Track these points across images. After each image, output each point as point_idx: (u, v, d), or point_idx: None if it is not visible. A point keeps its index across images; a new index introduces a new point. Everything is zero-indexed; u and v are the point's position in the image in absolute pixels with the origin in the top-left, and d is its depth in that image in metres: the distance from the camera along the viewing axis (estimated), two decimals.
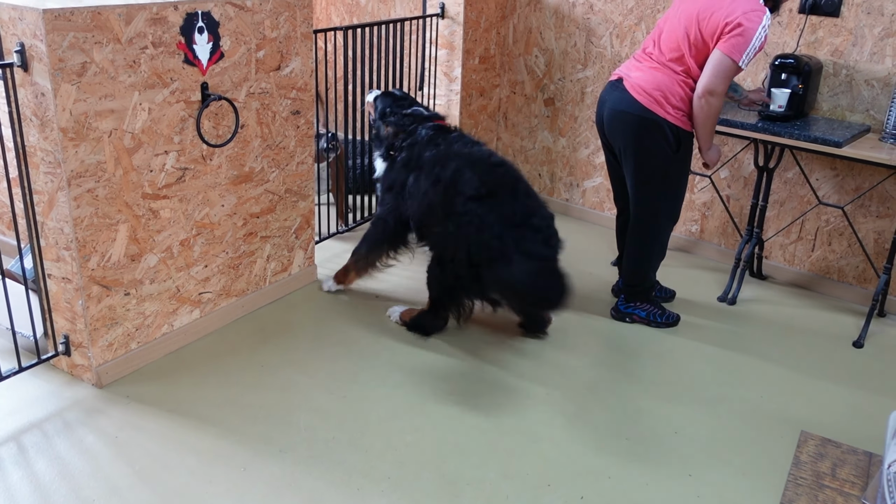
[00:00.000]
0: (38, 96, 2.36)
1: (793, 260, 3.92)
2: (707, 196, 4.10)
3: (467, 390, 2.83)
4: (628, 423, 2.70)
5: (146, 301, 2.81)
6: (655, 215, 3.25)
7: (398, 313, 3.28)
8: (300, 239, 3.47)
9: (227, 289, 3.15)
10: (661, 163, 3.12)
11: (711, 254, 4.15)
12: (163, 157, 2.71)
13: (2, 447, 2.40)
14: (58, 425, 2.52)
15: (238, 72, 2.91)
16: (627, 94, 3.07)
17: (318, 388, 2.80)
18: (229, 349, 3.01)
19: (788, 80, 3.49)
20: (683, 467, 2.50)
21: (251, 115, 3.02)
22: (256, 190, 3.14)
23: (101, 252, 2.60)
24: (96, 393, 2.69)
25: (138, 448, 2.43)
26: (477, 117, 4.59)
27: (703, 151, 3.17)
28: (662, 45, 3.07)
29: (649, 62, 3.09)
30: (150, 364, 2.87)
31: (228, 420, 2.59)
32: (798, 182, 3.78)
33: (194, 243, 2.93)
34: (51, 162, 2.44)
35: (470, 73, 4.41)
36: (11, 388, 2.67)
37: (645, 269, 3.35)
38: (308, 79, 3.25)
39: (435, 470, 2.41)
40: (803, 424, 2.74)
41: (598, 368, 3.04)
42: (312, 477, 2.34)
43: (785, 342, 3.33)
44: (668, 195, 3.24)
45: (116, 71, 2.48)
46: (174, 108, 2.70)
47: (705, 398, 2.88)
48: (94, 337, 2.66)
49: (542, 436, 2.61)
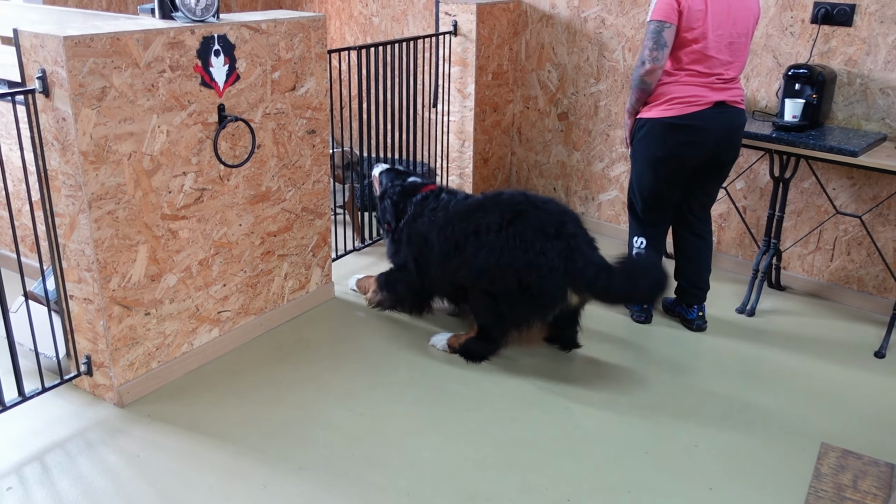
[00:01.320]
0: (59, 121, 2.41)
1: (811, 270, 3.89)
2: (723, 207, 4.08)
3: (484, 405, 2.84)
4: (647, 437, 2.69)
5: (166, 320, 2.84)
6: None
7: (445, 341, 3.23)
8: (317, 257, 3.50)
9: (245, 307, 3.18)
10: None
11: (729, 265, 4.13)
12: (181, 179, 2.76)
13: (26, 467, 2.43)
14: (80, 445, 2.54)
15: (254, 93, 2.95)
16: (740, 108, 3.21)
17: (336, 404, 2.81)
18: (248, 367, 3.03)
19: (802, 90, 3.48)
20: (703, 480, 2.48)
21: (267, 135, 3.06)
22: (273, 209, 3.18)
23: (121, 273, 2.64)
24: (118, 412, 2.72)
25: (159, 467, 2.45)
26: (491, 133, 4.62)
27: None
28: (738, 55, 3.14)
29: (734, 73, 3.17)
30: (171, 383, 2.90)
31: (248, 438, 2.60)
32: (815, 192, 3.76)
33: (213, 262, 2.97)
34: (72, 185, 2.48)
35: (483, 89, 4.44)
36: (35, 408, 2.71)
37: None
38: (323, 98, 3.29)
39: (454, 485, 2.41)
40: (823, 436, 2.71)
41: (617, 382, 3.03)
42: (332, 494, 2.35)
43: (804, 353, 3.30)
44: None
45: (135, 95, 2.53)
46: (192, 130, 2.75)
47: (724, 411, 2.86)
48: (115, 357, 2.69)
49: (561, 450, 2.60)
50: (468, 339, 3.15)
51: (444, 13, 4.33)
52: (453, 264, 3.09)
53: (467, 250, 3.03)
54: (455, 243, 3.09)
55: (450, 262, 3.11)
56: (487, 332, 3.11)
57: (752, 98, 3.87)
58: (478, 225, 3.02)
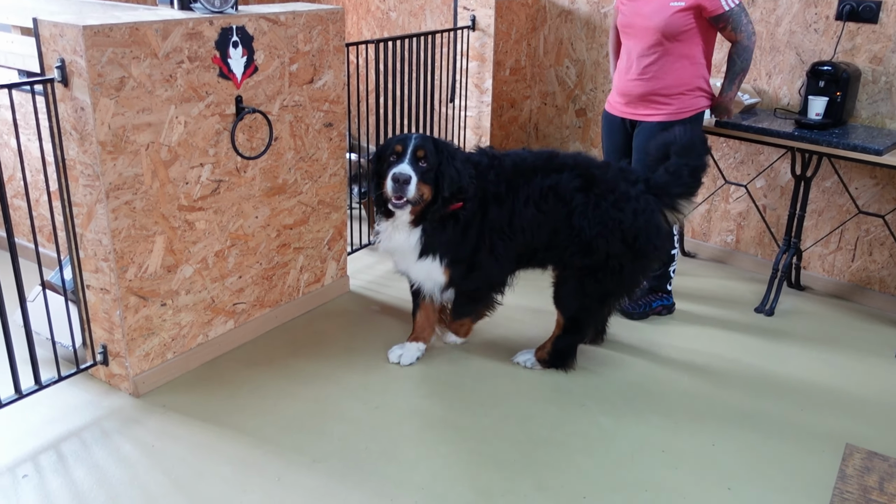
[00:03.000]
0: (77, 111, 2.41)
1: (832, 270, 3.84)
2: (743, 206, 4.04)
3: (500, 402, 2.81)
4: (665, 436, 2.66)
5: (182, 312, 2.84)
6: None
7: (532, 357, 3.02)
8: (333, 250, 3.49)
9: (260, 299, 3.17)
10: None
11: (748, 265, 4.09)
12: (198, 170, 2.75)
13: (42, 455, 2.44)
14: (96, 434, 2.55)
15: (272, 85, 2.94)
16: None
17: (350, 398, 2.80)
18: (263, 359, 3.03)
19: (826, 87, 3.43)
20: (722, 481, 2.45)
21: (284, 127, 3.05)
22: (290, 202, 3.17)
23: (138, 263, 2.64)
24: (133, 402, 2.72)
25: (174, 457, 2.45)
26: (508, 128, 4.59)
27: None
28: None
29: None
30: (186, 374, 2.90)
31: (262, 430, 2.60)
32: (837, 191, 3.71)
33: (229, 254, 2.96)
34: (90, 175, 2.48)
35: (501, 85, 4.41)
36: (51, 396, 2.72)
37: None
38: (340, 91, 3.28)
39: (469, 482, 2.39)
40: (846, 438, 2.67)
41: (634, 380, 3.00)
42: (346, 488, 2.34)
43: (825, 354, 3.26)
44: None
45: (153, 85, 2.52)
46: (209, 122, 2.74)
47: (743, 411, 2.83)
48: (131, 347, 2.69)
49: (577, 447, 2.58)
50: (554, 341, 2.98)
51: (462, 8, 4.31)
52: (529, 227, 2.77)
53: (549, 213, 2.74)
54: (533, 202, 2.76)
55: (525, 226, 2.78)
56: (578, 321, 2.92)
57: (775, 95, 3.82)
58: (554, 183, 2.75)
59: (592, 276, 2.82)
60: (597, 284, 2.84)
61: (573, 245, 2.79)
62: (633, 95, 3.22)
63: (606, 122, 3.43)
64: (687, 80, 3.14)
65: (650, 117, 3.21)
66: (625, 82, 3.24)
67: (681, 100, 3.17)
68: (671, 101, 3.17)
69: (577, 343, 3.02)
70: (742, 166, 3.98)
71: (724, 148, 4.01)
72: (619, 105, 3.31)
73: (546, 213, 2.76)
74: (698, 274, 4.02)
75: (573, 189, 2.76)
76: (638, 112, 3.24)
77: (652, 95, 3.18)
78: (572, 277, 2.87)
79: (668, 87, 3.15)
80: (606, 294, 2.90)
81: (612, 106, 3.38)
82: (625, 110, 3.29)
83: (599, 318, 3.07)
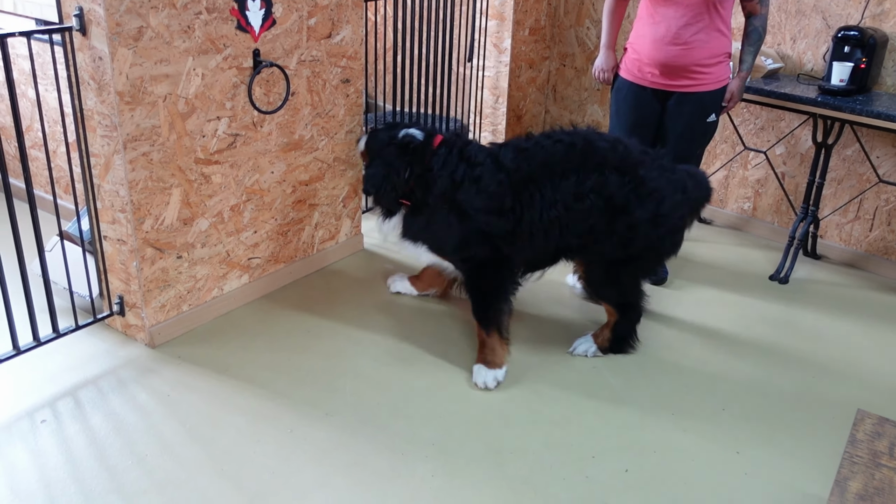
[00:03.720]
0: (95, 60, 2.40)
1: (849, 240, 3.81)
2: (761, 173, 4.00)
3: (512, 362, 2.83)
4: (675, 398, 2.67)
5: (197, 265, 2.86)
6: None
7: (593, 346, 2.90)
8: (347, 208, 3.49)
9: (275, 255, 3.19)
10: None
11: (764, 232, 4.06)
12: (215, 123, 2.75)
13: (60, 401, 2.48)
14: (112, 382, 2.59)
15: (290, 39, 2.92)
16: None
17: (363, 355, 2.82)
18: (277, 314, 3.05)
19: (851, 53, 3.37)
20: (731, 444, 2.46)
21: (302, 82, 3.03)
22: (306, 158, 3.16)
23: (154, 215, 2.65)
24: (149, 352, 2.75)
25: (189, 406, 2.48)
26: (525, 90, 4.55)
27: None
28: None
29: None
30: (201, 326, 2.93)
31: (275, 383, 2.63)
32: (857, 159, 3.67)
33: (244, 209, 2.97)
34: (107, 125, 2.48)
35: (519, 45, 4.36)
36: (69, 345, 2.75)
37: None
38: (358, 47, 3.25)
39: (478, 438, 2.42)
40: (857, 405, 2.67)
41: (644, 343, 3.00)
42: (358, 441, 2.37)
43: (839, 322, 3.25)
44: None
45: (171, 36, 2.51)
46: (226, 75, 2.73)
47: (754, 377, 2.83)
48: (147, 298, 2.72)
49: (587, 408, 2.60)
50: (614, 327, 2.89)
51: None
52: (552, 225, 2.66)
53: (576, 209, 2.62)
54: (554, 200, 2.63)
55: (545, 225, 2.66)
56: (630, 304, 2.87)
57: (799, 60, 3.75)
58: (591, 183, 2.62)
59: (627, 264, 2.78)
60: (634, 269, 2.82)
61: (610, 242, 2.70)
62: (673, 66, 3.09)
63: (632, 95, 3.24)
64: (721, 49, 3.11)
65: (691, 88, 3.12)
66: (662, 52, 3.08)
67: (718, 69, 3.13)
68: (710, 71, 3.11)
69: (637, 322, 2.92)
70: (762, 132, 3.93)
71: (744, 114, 3.96)
72: (652, 76, 3.15)
73: (581, 214, 2.64)
74: (714, 240, 3.99)
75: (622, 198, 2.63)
76: (676, 83, 3.13)
77: (693, 65, 3.09)
78: (603, 268, 2.80)
79: (708, 56, 3.08)
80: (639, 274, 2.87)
81: (639, 77, 3.20)
82: (659, 81, 3.15)
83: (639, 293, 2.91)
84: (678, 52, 3.06)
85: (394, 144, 2.73)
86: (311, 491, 2.17)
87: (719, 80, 3.14)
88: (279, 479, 2.20)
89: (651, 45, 3.12)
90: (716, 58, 3.10)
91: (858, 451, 1.70)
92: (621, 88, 3.29)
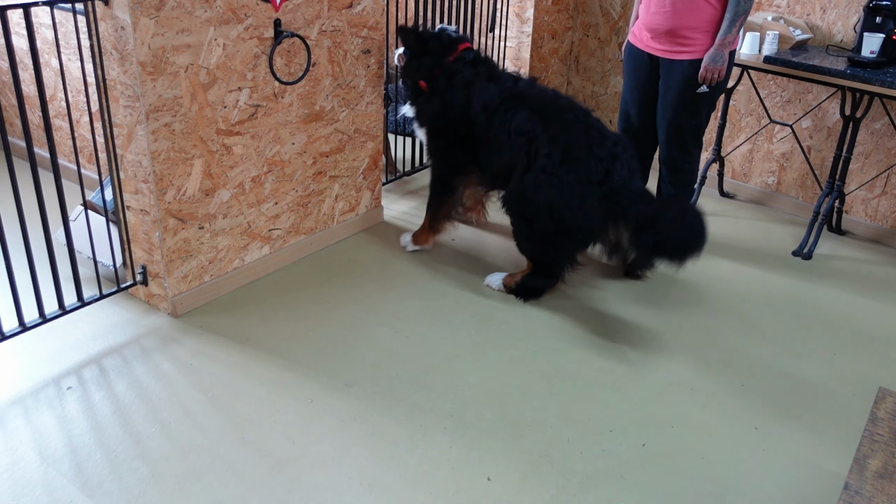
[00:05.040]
0: (117, 30, 2.40)
1: (875, 215, 3.76)
2: (787, 146, 3.94)
3: (530, 335, 2.84)
4: (693, 373, 2.67)
5: (219, 235, 2.88)
6: None
7: (500, 280, 3.12)
8: (368, 180, 3.49)
9: (295, 226, 3.20)
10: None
11: (788, 207, 4.01)
12: (236, 94, 2.74)
13: (85, 369, 2.53)
14: (136, 351, 2.63)
15: (311, 9, 2.90)
16: None
17: (382, 326, 2.84)
18: (297, 285, 3.07)
19: (883, 24, 3.29)
20: (749, 420, 2.46)
21: (322, 53, 3.02)
22: (326, 129, 3.16)
23: (177, 186, 2.67)
24: (171, 322, 2.79)
25: (211, 375, 2.52)
26: (548, 60, 4.49)
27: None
28: None
29: None
30: (222, 297, 2.96)
31: (296, 353, 2.66)
32: (886, 133, 3.60)
33: (265, 180, 2.98)
34: (130, 96, 2.49)
35: (542, 15, 4.30)
36: (93, 314, 2.80)
37: None
38: (379, 17, 3.22)
39: (497, 411, 2.44)
40: (879, 383, 2.65)
41: (663, 318, 2.99)
42: (377, 412, 2.40)
43: (862, 299, 3.22)
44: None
45: (193, 5, 2.50)
46: (248, 45, 2.72)
47: (774, 352, 2.82)
48: (169, 268, 2.74)
49: (605, 382, 2.60)
50: (524, 277, 3.08)
51: None
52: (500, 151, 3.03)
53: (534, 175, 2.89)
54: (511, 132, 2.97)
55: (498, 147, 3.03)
56: (541, 264, 3.04)
57: (828, 31, 3.67)
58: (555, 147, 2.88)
59: (531, 224, 2.95)
60: (535, 233, 2.95)
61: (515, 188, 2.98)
62: (659, 30, 3.14)
63: (630, 56, 3.35)
64: (708, 19, 3.06)
65: (675, 55, 3.14)
66: (650, 15, 3.15)
67: (704, 39, 3.09)
68: (695, 40, 3.09)
69: (547, 285, 3.08)
70: (789, 105, 3.86)
71: (770, 86, 3.89)
72: (647, 39, 3.23)
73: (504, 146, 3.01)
74: (736, 215, 3.96)
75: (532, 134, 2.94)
76: (665, 48, 3.16)
77: (678, 30, 3.09)
78: (519, 222, 3.01)
79: (693, 21, 3.05)
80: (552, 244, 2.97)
81: (637, 39, 3.29)
82: (651, 45, 3.21)
83: (564, 269, 3.06)
84: (662, 15, 3.12)
85: (431, 35, 3.21)
86: (330, 460, 2.20)
87: (704, 51, 3.10)
88: (299, 447, 2.24)
89: (644, 8, 3.22)
90: (702, 26, 3.07)
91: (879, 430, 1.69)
92: (626, 51, 3.41)
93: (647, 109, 3.36)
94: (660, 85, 3.27)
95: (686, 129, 3.28)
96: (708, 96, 3.19)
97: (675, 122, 3.27)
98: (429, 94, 3.17)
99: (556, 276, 3.06)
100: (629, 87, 3.40)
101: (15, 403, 2.36)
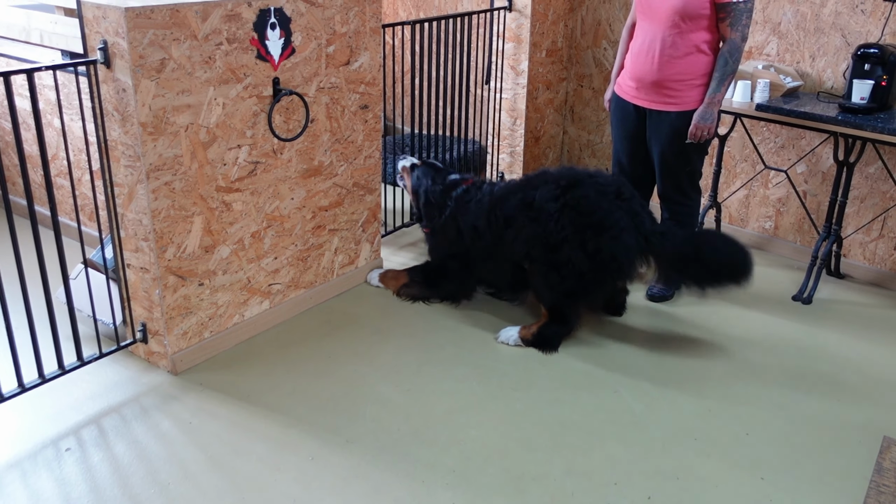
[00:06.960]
0: (119, 92, 2.45)
1: (873, 258, 3.77)
2: (782, 191, 3.97)
3: (532, 386, 2.82)
4: (697, 423, 2.65)
5: (219, 291, 2.88)
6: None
7: (515, 334, 3.09)
8: (367, 232, 3.51)
9: (295, 280, 3.21)
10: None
11: (786, 251, 4.02)
12: (236, 151, 2.78)
13: (84, 429, 2.51)
14: (135, 410, 2.61)
15: (309, 67, 2.95)
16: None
17: (383, 380, 2.83)
18: (297, 340, 3.06)
19: (872, 70, 3.34)
20: (755, 470, 2.43)
21: (321, 109, 3.07)
22: (325, 183, 3.19)
23: (177, 243, 2.68)
24: (171, 379, 2.77)
25: (210, 434, 2.50)
26: (543, 111, 4.56)
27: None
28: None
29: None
30: (223, 353, 2.95)
31: (296, 409, 2.64)
32: (880, 177, 3.63)
33: (265, 235, 3.00)
34: (131, 156, 2.52)
35: (537, 67, 4.37)
36: (93, 373, 2.78)
37: None
38: (376, 73, 3.28)
39: (499, 464, 2.41)
40: (884, 430, 2.63)
41: (666, 366, 2.98)
42: (378, 468, 2.37)
43: (864, 343, 3.20)
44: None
45: (193, 67, 2.55)
46: (247, 103, 2.76)
47: (778, 400, 2.80)
48: (169, 325, 2.74)
49: (608, 434, 2.58)
50: (540, 327, 3.06)
51: None
52: (508, 241, 3.06)
53: (521, 222, 2.99)
54: (506, 219, 3.05)
55: (504, 242, 3.07)
56: (559, 312, 3.04)
57: (818, 78, 3.73)
58: (530, 197, 2.99)
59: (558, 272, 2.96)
60: (563, 283, 2.96)
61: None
62: (646, 81, 3.17)
63: (617, 108, 3.38)
64: (698, 70, 3.10)
65: (662, 106, 3.18)
66: (639, 66, 3.18)
67: (691, 91, 3.12)
68: (682, 92, 3.12)
69: (564, 333, 3.09)
70: (783, 151, 3.90)
71: (764, 132, 3.94)
72: (632, 91, 3.26)
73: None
74: None
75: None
76: (652, 99, 3.19)
77: (665, 82, 3.12)
78: (546, 271, 3.00)
79: (680, 74, 3.09)
80: (575, 293, 3.00)
81: (623, 90, 3.33)
82: (638, 96, 3.24)
83: (579, 313, 3.10)
84: (649, 67, 3.14)
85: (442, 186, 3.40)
86: None
87: (692, 103, 3.14)
88: None
89: (630, 58, 3.26)
90: (691, 78, 3.11)
91: (885, 480, 1.67)
92: (612, 102, 3.44)
93: (640, 158, 3.40)
94: (647, 135, 3.30)
95: (681, 176, 3.31)
96: (697, 146, 3.23)
97: (669, 172, 3.30)
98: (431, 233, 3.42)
99: (571, 324, 3.07)
100: (619, 138, 3.44)
101: (13, 466, 2.33)
